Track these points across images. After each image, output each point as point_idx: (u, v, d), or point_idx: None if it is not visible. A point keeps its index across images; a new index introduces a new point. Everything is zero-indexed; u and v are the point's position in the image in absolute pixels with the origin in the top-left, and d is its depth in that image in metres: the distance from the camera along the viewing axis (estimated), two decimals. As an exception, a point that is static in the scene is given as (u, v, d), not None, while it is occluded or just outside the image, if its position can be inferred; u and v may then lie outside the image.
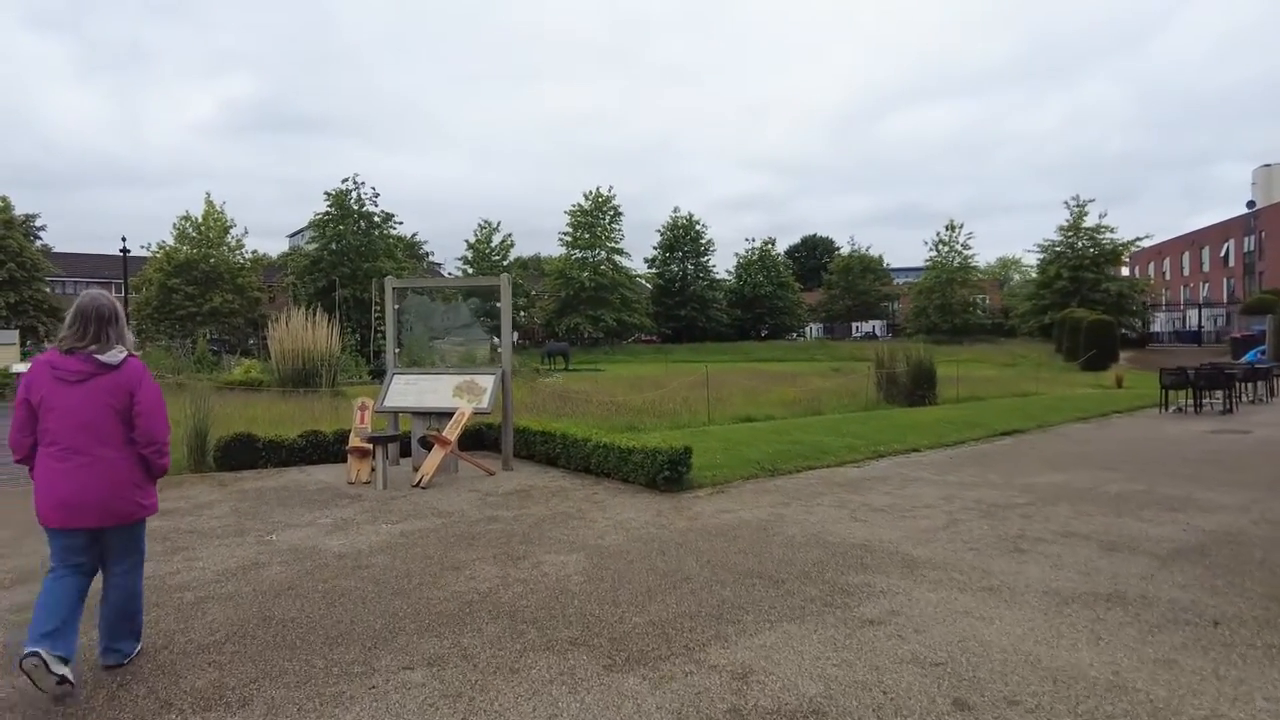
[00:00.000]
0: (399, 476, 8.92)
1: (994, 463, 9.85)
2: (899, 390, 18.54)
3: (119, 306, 3.64)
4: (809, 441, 11.34)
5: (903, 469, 9.40)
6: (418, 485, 8.26)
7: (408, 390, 9.54)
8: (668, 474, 7.94)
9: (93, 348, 3.42)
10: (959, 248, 58.00)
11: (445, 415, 9.21)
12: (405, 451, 10.06)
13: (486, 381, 9.41)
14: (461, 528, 6.50)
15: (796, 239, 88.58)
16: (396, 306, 9.75)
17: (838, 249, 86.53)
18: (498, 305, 9.57)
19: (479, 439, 11.09)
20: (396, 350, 9.83)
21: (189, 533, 6.40)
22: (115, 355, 3.45)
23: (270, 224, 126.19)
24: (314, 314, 21.79)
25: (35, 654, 3.15)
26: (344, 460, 9.32)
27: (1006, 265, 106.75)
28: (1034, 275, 59.88)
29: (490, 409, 9.17)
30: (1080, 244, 48.91)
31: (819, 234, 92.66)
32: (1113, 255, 48.46)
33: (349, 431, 9.46)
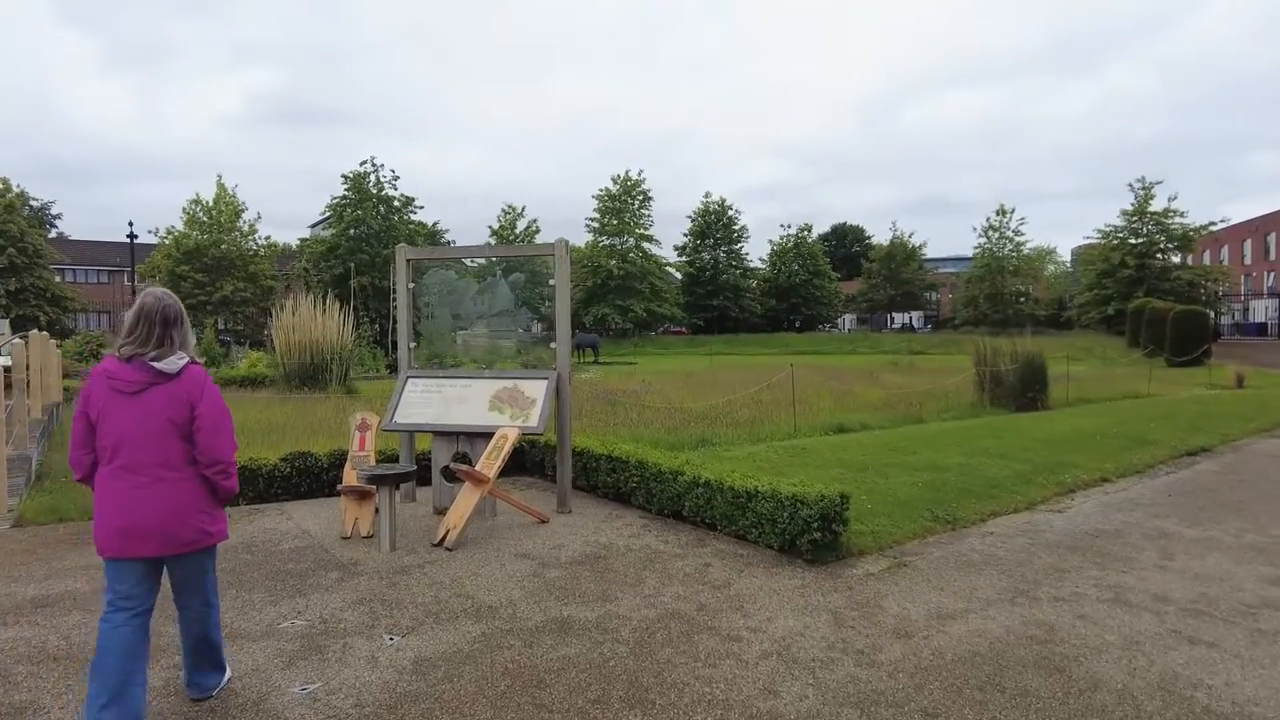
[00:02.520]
0: (413, 524, 6.27)
1: (1246, 504, 7.03)
2: (1005, 392, 15.67)
3: (182, 307, 3.23)
4: (954, 466, 8.60)
5: (1127, 515, 6.62)
6: (440, 544, 5.61)
7: (428, 400, 6.89)
8: (818, 535, 5.22)
9: (153, 354, 3.04)
10: (1010, 234, 54.55)
11: (480, 436, 6.55)
12: (424, 477, 7.45)
13: (536, 389, 6.73)
14: (515, 649, 3.83)
15: (821, 228, 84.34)
16: (412, 285, 7.10)
17: (869, 237, 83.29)
18: (550, 285, 6.88)
19: (518, 459, 8.46)
20: (412, 345, 7.17)
21: (52, 658, 3.77)
22: (174, 362, 3.07)
23: (291, 216, 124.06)
24: (324, 301, 19.41)
25: None
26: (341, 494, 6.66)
27: (1041, 255, 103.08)
28: (1068, 266, 56.23)
29: (542, 429, 6.49)
30: (1147, 229, 45.42)
31: (848, 222, 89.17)
32: (1183, 241, 44.89)
33: (347, 454, 6.81)
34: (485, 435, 6.47)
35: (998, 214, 54.82)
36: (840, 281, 67.32)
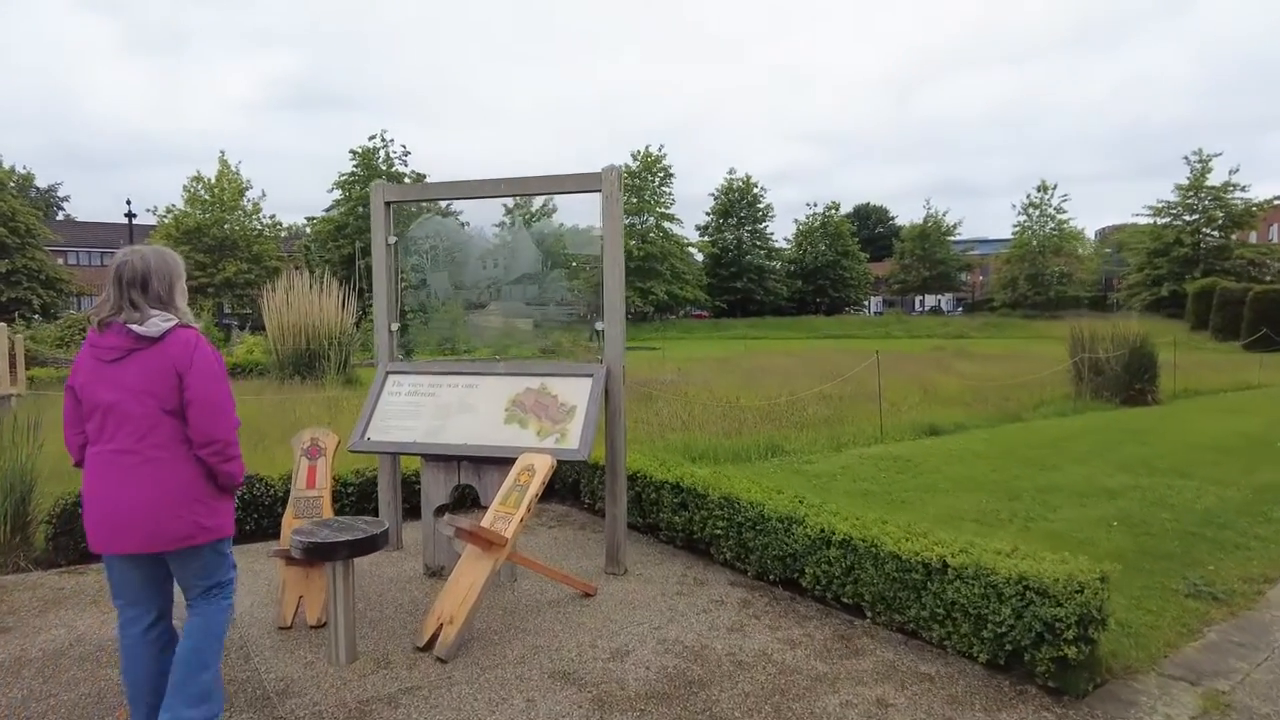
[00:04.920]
0: (390, 595, 4.13)
1: None
2: (1107, 382, 13.38)
3: (161, 264, 2.72)
4: (1127, 489, 6.41)
5: None
6: (427, 648, 3.47)
7: (416, 406, 4.71)
8: (1071, 650, 3.02)
9: (133, 316, 2.62)
10: (1052, 211, 51.52)
11: (492, 462, 4.39)
12: (413, 508, 5.36)
13: (575, 392, 4.55)
14: None
15: (843, 209, 79.83)
16: (393, 239, 4.92)
17: (893, 218, 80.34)
18: (592, 236, 4.72)
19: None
20: (394, 327, 4.99)
21: None
22: (156, 325, 2.63)
23: (309, 201, 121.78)
24: (323, 280, 17.38)
25: None
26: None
27: (1068, 237, 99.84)
28: (1094, 247, 53.01)
29: (587, 453, 4.29)
30: (1203, 205, 42.47)
31: (871, 203, 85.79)
32: (1244, 218, 41.89)
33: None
34: (500, 462, 4.30)
35: (1038, 190, 51.81)
36: (872, 263, 64.59)
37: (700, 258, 57.49)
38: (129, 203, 36.40)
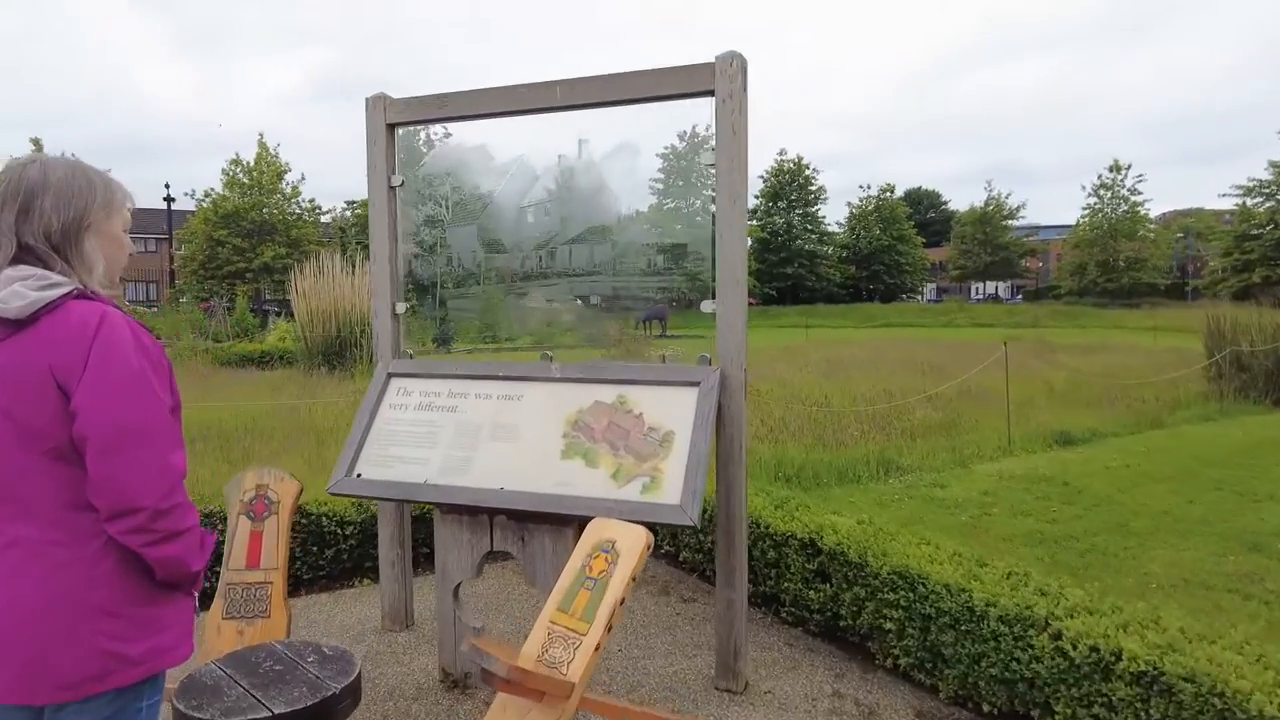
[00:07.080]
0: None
1: None
2: (1254, 379, 11.44)
3: (70, 181, 1.51)
4: None
5: None
6: None
7: (429, 426, 3.15)
8: None
9: None
10: (1125, 194, 48.27)
11: (543, 523, 2.81)
12: (431, 554, 3.82)
13: (670, 409, 2.95)
14: None
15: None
16: (399, 181, 3.39)
17: (945, 203, 77.26)
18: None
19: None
20: (400, 308, 3.47)
21: None
22: (19, 295, 1.38)
23: (351, 190, 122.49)
24: (354, 262, 16.24)
25: None
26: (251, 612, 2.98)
27: (1139, 221, 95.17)
28: (1159, 232, 49.47)
29: (694, 515, 2.68)
30: (1299, 183, 39.24)
31: (923, 187, 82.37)
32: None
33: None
34: (557, 521, 2.74)
35: (1111, 170, 48.57)
36: (930, 249, 61.85)
37: (749, 242, 55.46)
38: (168, 186, 35.84)
